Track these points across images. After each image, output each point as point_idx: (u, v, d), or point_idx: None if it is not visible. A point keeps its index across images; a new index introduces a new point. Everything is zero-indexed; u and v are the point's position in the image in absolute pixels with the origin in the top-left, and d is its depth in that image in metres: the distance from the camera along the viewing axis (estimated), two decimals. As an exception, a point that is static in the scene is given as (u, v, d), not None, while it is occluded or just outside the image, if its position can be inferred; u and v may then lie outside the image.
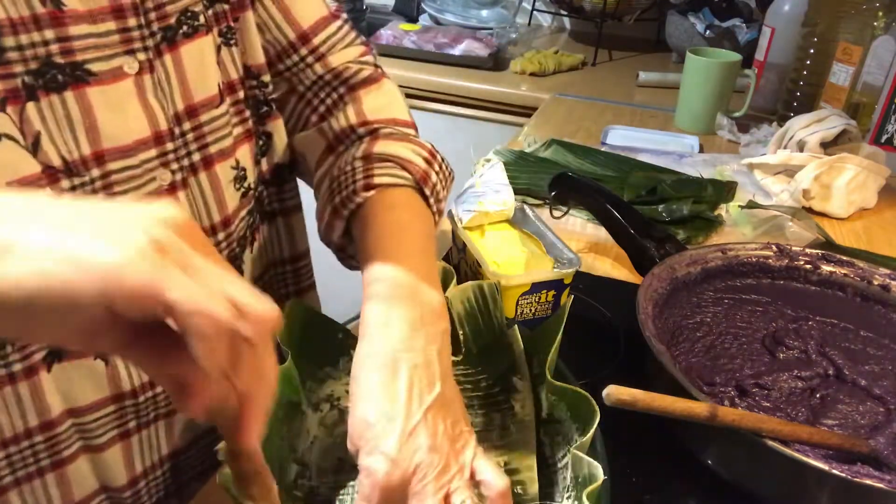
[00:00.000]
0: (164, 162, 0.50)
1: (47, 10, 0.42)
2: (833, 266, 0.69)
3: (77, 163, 0.45)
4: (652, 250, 0.69)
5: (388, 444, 0.42)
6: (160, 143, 0.49)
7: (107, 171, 0.47)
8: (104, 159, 0.46)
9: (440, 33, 1.59)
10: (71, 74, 0.43)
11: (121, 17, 0.46)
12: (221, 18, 0.54)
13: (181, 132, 0.51)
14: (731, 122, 1.22)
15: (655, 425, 0.57)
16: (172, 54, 0.50)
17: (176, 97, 0.51)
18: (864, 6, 1.15)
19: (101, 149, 0.46)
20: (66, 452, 0.51)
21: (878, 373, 0.60)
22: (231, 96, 0.56)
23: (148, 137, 0.48)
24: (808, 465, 0.46)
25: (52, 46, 0.43)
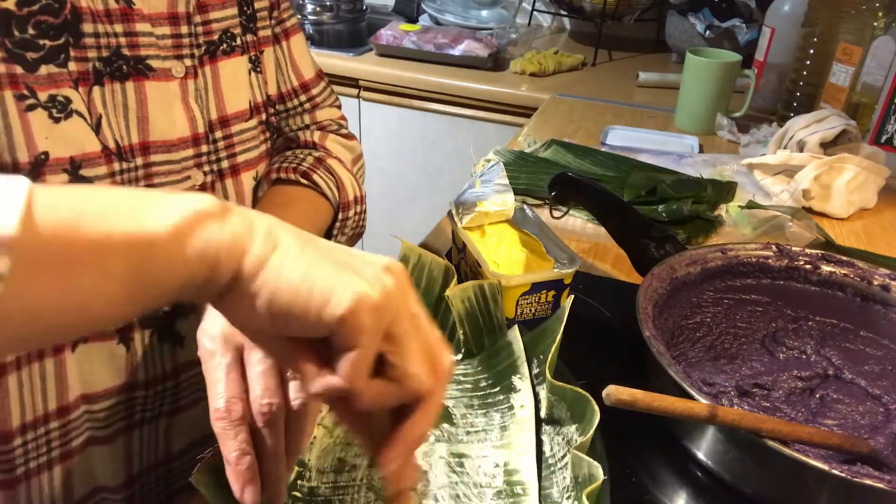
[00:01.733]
0: (198, 163, 0.54)
1: (119, 6, 0.47)
2: (833, 266, 0.69)
3: (127, 149, 0.48)
4: (652, 250, 0.69)
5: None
6: (197, 145, 0.53)
7: (150, 162, 0.50)
8: (149, 150, 0.50)
9: (440, 33, 1.60)
10: (134, 67, 0.47)
11: (175, 24, 0.51)
12: (251, 47, 0.60)
13: (214, 139, 0.55)
14: (731, 122, 1.22)
15: (655, 425, 0.57)
16: (212, 66, 0.55)
17: (211, 105, 0.55)
18: (864, 6, 1.15)
19: (148, 140, 0.49)
20: (75, 442, 0.53)
21: (877, 373, 0.60)
22: (257, 116, 0.60)
23: (188, 137, 0.52)
24: (808, 465, 0.46)
25: (121, 39, 0.47)
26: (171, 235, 0.27)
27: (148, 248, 0.27)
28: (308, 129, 0.71)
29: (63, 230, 0.25)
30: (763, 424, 0.48)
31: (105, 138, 0.46)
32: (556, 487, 0.48)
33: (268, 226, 0.30)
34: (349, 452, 0.52)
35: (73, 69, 0.44)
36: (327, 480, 0.50)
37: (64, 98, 0.44)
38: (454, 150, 1.59)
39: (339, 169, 0.67)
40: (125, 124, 0.48)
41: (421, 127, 1.59)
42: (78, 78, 0.45)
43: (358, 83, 1.56)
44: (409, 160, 1.65)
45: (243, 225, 0.30)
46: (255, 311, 0.30)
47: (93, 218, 0.26)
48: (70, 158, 0.44)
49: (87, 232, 0.26)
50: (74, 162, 0.45)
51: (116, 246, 0.26)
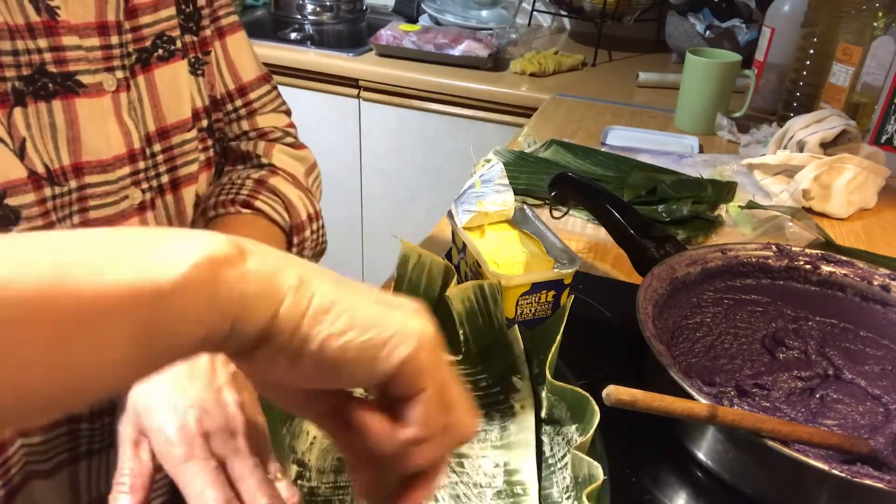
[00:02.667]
0: (136, 181, 0.51)
1: (42, 19, 0.43)
2: (833, 266, 0.69)
3: (58, 172, 0.45)
4: (652, 250, 0.69)
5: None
6: (134, 162, 0.50)
7: (84, 184, 0.47)
8: (83, 172, 0.46)
9: (440, 34, 1.60)
10: (62, 84, 0.44)
11: (104, 35, 0.47)
12: (191, 48, 0.56)
13: (152, 153, 0.52)
14: (731, 122, 1.22)
15: (655, 425, 0.57)
16: (146, 76, 0.51)
17: (148, 118, 0.51)
18: (864, 6, 1.15)
19: (80, 161, 0.46)
20: (16, 479, 0.49)
21: (877, 373, 0.60)
22: (197, 123, 0.56)
23: (124, 155, 0.49)
24: (808, 465, 0.46)
25: (45, 55, 0.43)
26: (181, 288, 0.23)
27: (153, 305, 0.22)
28: (248, 139, 0.65)
29: (47, 290, 0.21)
30: (763, 424, 0.48)
31: (32, 163, 0.43)
32: (556, 487, 0.48)
33: (297, 269, 0.26)
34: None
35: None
36: (327, 480, 0.50)
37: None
38: (454, 150, 1.59)
39: (284, 187, 0.60)
40: (54, 146, 0.44)
41: (421, 127, 1.59)
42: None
43: (358, 83, 1.56)
44: (409, 160, 1.65)
45: (267, 268, 0.25)
46: (297, 366, 0.26)
47: (82, 271, 0.21)
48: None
49: (77, 289, 0.21)
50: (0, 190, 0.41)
51: (115, 304, 0.22)
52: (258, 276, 0.25)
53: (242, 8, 1.97)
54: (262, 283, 0.25)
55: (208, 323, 0.24)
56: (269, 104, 0.67)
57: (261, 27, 1.87)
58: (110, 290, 0.22)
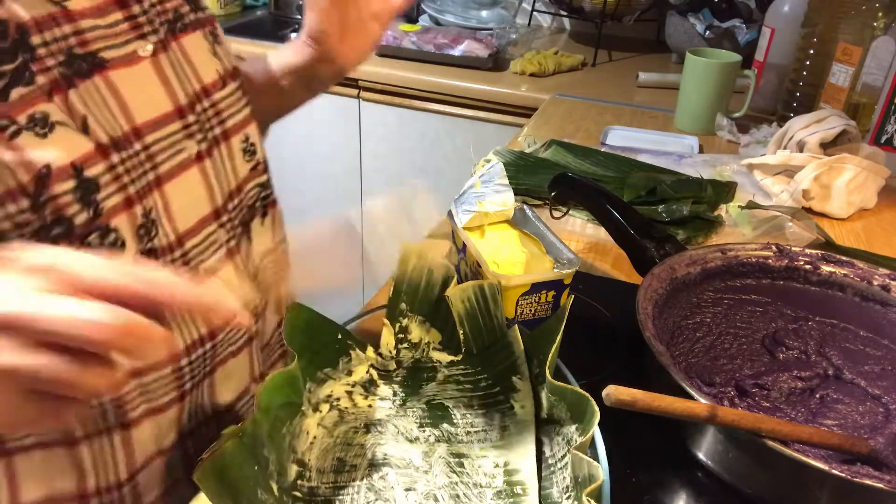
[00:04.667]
0: (189, 134, 0.55)
1: (58, 9, 0.46)
2: (833, 266, 0.69)
3: (121, 138, 0.49)
4: (652, 251, 0.69)
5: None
6: (183, 117, 0.54)
7: (146, 144, 0.51)
8: (142, 133, 0.51)
9: (440, 34, 1.60)
10: (91, 62, 0.48)
11: (125, 7, 0.51)
12: (205, 22, 0.59)
13: (202, 109, 0.57)
14: (731, 122, 1.22)
15: (655, 425, 0.57)
16: (177, 42, 0.55)
17: (190, 77, 0.56)
18: (864, 6, 1.15)
19: (136, 124, 0.50)
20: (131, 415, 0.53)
21: (877, 373, 0.60)
22: (234, 82, 0.61)
23: (172, 112, 0.53)
24: (808, 465, 0.46)
25: (71, 40, 0.47)
26: None
27: None
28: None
29: None
30: (763, 424, 0.48)
31: (96, 135, 0.47)
32: (556, 487, 0.48)
33: None
34: (349, 452, 0.52)
35: (41, 82, 0.45)
36: (327, 480, 0.50)
37: (41, 114, 0.44)
38: (454, 150, 1.59)
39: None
40: (111, 115, 0.49)
41: (421, 127, 1.59)
42: (50, 89, 0.45)
43: (358, 83, 1.56)
44: (409, 160, 1.65)
45: None
46: None
47: None
48: (71, 164, 0.45)
49: None
50: (76, 166, 0.46)
51: None
52: None
53: (242, 8, 1.97)
54: None
55: None
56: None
57: (261, 27, 1.87)
58: None
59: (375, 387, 0.57)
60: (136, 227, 0.49)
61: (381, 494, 0.49)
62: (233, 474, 0.43)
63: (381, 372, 0.58)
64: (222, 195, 0.58)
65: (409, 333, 0.59)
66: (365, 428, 0.54)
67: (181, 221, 0.53)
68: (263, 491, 0.45)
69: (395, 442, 0.53)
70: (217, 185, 0.58)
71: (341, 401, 0.55)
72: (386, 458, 0.51)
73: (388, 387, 0.57)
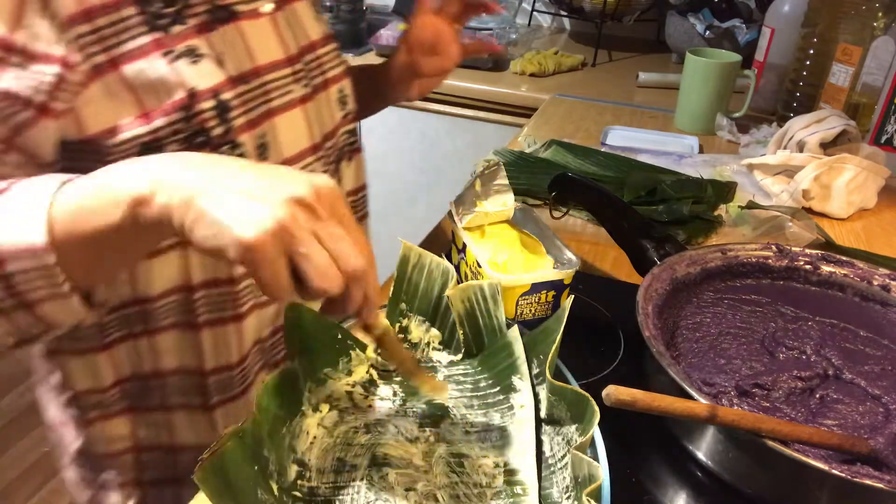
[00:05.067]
0: (296, 79, 0.66)
1: None
2: (833, 266, 0.69)
3: (245, 74, 0.60)
4: (651, 251, 0.69)
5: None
6: (292, 64, 0.65)
7: (263, 82, 0.62)
8: (260, 72, 0.62)
9: (440, 34, 1.59)
10: (227, 13, 0.60)
11: None
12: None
13: (307, 59, 0.68)
14: (731, 122, 1.22)
15: (655, 425, 0.57)
16: (290, 5, 0.67)
17: (299, 32, 0.67)
18: (864, 7, 1.15)
19: (257, 65, 0.62)
20: (242, 309, 0.65)
21: (877, 373, 0.60)
22: (333, 43, 0.73)
23: (283, 59, 0.64)
24: (808, 465, 0.46)
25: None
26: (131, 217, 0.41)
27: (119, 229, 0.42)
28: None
29: (68, 233, 0.43)
30: (763, 424, 0.48)
31: (228, 70, 0.59)
32: (556, 487, 0.48)
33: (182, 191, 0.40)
34: (349, 452, 0.52)
35: (192, 24, 0.57)
36: (327, 480, 0.50)
37: (193, 47, 0.56)
38: (454, 150, 1.59)
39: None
40: (237, 56, 0.60)
41: (421, 127, 1.59)
42: (199, 30, 0.57)
43: (358, 83, 1.56)
44: (409, 160, 1.65)
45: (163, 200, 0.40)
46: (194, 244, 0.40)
47: (83, 220, 0.42)
48: (211, 89, 0.57)
49: (84, 232, 0.43)
50: (215, 91, 0.57)
51: (101, 231, 0.42)
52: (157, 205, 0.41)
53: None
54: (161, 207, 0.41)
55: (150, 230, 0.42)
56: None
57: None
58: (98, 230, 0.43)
59: (375, 387, 0.57)
60: (256, 146, 0.61)
61: (381, 494, 0.49)
62: (233, 474, 0.43)
63: (381, 372, 0.58)
64: (320, 134, 0.69)
65: (409, 333, 0.59)
66: (365, 428, 0.54)
67: (286, 149, 0.64)
68: (263, 491, 0.45)
69: (395, 442, 0.53)
70: (317, 124, 0.69)
71: (341, 401, 0.55)
72: (386, 458, 0.51)
73: (388, 387, 0.57)
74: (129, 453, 0.70)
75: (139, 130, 0.54)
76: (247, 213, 0.38)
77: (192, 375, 0.66)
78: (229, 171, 0.41)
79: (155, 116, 0.54)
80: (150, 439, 0.70)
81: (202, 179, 0.40)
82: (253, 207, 0.38)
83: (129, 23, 0.53)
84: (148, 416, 0.69)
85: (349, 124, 0.76)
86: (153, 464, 0.71)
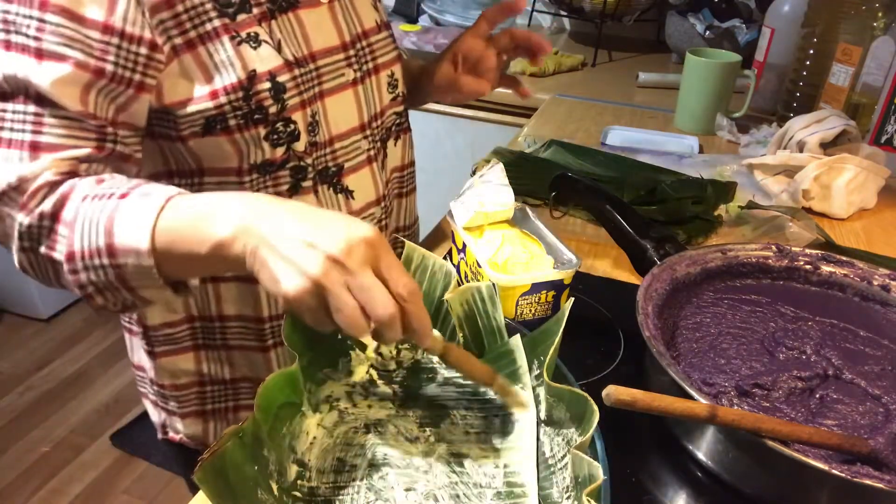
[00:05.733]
0: (349, 64, 0.72)
1: None
2: (833, 266, 0.69)
3: (302, 59, 0.67)
4: (651, 251, 0.69)
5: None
6: (346, 50, 0.71)
7: (318, 66, 0.68)
8: (316, 57, 0.68)
9: (440, 34, 1.59)
10: (288, 2, 0.66)
11: None
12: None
13: (360, 46, 0.73)
14: (731, 122, 1.22)
15: (655, 425, 0.57)
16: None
17: (354, 21, 0.73)
18: (864, 7, 1.15)
19: (312, 50, 0.68)
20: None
21: (877, 373, 0.60)
22: (387, 30, 0.78)
23: (338, 45, 0.70)
24: (808, 465, 0.46)
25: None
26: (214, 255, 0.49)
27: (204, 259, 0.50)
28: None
29: (165, 248, 0.51)
30: (763, 424, 0.48)
31: (286, 55, 0.65)
32: (556, 488, 0.48)
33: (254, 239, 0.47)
34: (349, 452, 0.52)
35: (255, 13, 0.63)
36: (327, 480, 0.50)
37: (255, 33, 0.62)
38: (454, 150, 1.59)
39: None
40: (296, 42, 0.66)
41: (421, 127, 1.58)
42: (260, 18, 0.63)
43: (358, 83, 1.56)
44: (409, 160, 1.65)
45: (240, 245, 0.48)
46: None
47: (180, 241, 0.50)
48: (268, 72, 0.63)
49: (179, 251, 0.51)
50: (272, 73, 0.63)
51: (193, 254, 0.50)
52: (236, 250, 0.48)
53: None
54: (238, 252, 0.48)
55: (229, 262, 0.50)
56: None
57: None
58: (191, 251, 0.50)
59: (375, 387, 0.57)
60: (307, 124, 0.67)
61: (381, 494, 0.49)
62: (233, 474, 0.43)
63: (381, 372, 0.58)
64: (368, 114, 0.75)
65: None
66: (365, 428, 0.54)
67: (335, 127, 0.71)
68: (263, 491, 0.45)
69: (395, 442, 0.53)
70: (365, 106, 0.75)
71: (341, 401, 0.55)
72: (386, 458, 0.51)
73: (388, 387, 0.57)
74: (194, 387, 0.79)
75: (206, 105, 0.61)
76: (291, 269, 0.45)
77: (251, 321, 0.74)
78: (292, 222, 0.47)
79: (219, 94, 0.61)
80: (213, 374, 0.79)
81: (270, 232, 0.47)
82: (297, 264, 0.45)
83: (202, 9, 0.60)
84: (211, 353, 0.77)
85: (398, 106, 0.81)
86: (215, 396, 0.80)
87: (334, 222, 0.47)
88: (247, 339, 0.76)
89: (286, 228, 0.47)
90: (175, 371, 0.78)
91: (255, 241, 0.47)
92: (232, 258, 0.49)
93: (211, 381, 0.79)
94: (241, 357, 0.77)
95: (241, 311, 0.74)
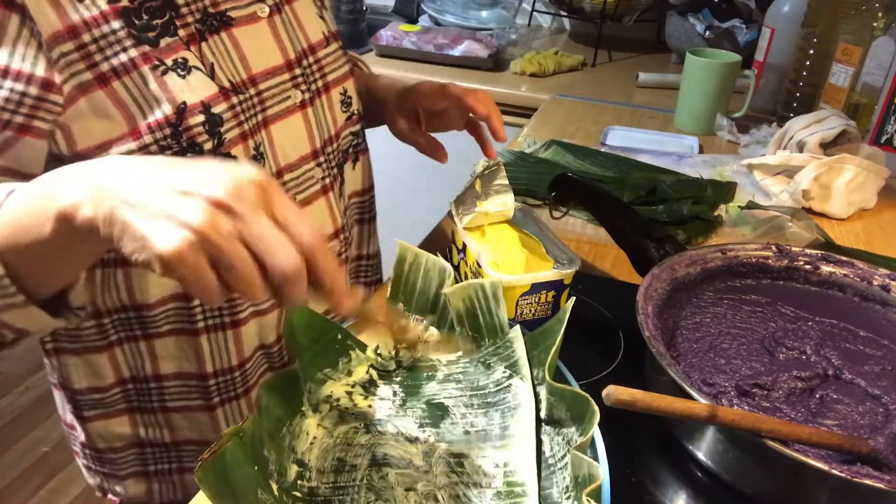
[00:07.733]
0: (295, 84, 0.65)
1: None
2: (833, 266, 0.69)
3: (240, 84, 0.59)
4: (652, 251, 0.69)
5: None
6: (291, 69, 0.64)
7: (260, 90, 0.61)
8: (256, 81, 0.61)
9: (440, 34, 1.60)
10: (220, 20, 0.58)
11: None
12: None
13: (307, 63, 0.66)
14: (731, 122, 1.22)
15: (655, 425, 0.57)
16: (289, 6, 0.65)
17: (299, 36, 0.66)
18: (864, 7, 1.15)
19: (252, 73, 0.60)
20: (240, 315, 0.65)
21: (877, 373, 0.60)
22: (335, 42, 0.71)
23: (282, 64, 0.63)
24: (808, 465, 0.46)
25: (206, 0, 0.58)
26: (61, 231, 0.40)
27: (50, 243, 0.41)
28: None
29: (10, 247, 0.43)
30: (763, 424, 0.48)
31: (220, 80, 0.58)
32: (556, 487, 0.48)
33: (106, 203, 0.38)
34: (349, 452, 0.52)
35: (182, 35, 0.56)
36: (327, 480, 0.50)
37: (182, 59, 0.55)
38: (454, 150, 1.58)
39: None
40: (232, 65, 0.59)
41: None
42: (188, 41, 0.56)
43: (358, 83, 1.56)
44: (409, 160, 1.64)
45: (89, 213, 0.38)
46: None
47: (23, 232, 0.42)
48: (200, 102, 0.56)
49: (24, 243, 0.42)
50: (205, 104, 0.56)
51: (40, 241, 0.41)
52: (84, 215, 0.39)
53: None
54: (87, 217, 0.38)
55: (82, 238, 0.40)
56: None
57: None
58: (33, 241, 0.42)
59: (375, 387, 0.57)
60: (250, 157, 0.60)
61: (381, 494, 0.49)
62: (233, 474, 0.43)
63: (381, 372, 0.58)
64: (321, 139, 0.68)
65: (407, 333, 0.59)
66: (365, 428, 0.54)
67: (283, 157, 0.64)
68: (263, 491, 0.45)
69: (395, 442, 0.53)
70: (317, 129, 0.68)
71: (341, 401, 0.55)
72: (386, 458, 0.51)
73: (388, 387, 0.57)
74: (131, 448, 0.72)
75: (128, 146, 0.53)
76: (165, 223, 0.35)
77: (191, 379, 0.67)
78: (158, 172, 0.38)
79: (143, 132, 0.53)
80: (152, 438, 0.71)
81: (131, 187, 0.37)
82: (172, 217, 0.35)
83: (115, 37, 0.52)
84: (148, 417, 0.69)
85: (354, 126, 0.74)
86: (156, 458, 0.73)
87: (212, 167, 0.38)
88: (189, 398, 0.68)
89: (152, 179, 0.38)
90: (108, 436, 0.70)
91: (110, 202, 0.37)
92: (82, 228, 0.39)
93: (151, 444, 0.72)
94: (182, 419, 0.69)
95: (181, 367, 0.66)
